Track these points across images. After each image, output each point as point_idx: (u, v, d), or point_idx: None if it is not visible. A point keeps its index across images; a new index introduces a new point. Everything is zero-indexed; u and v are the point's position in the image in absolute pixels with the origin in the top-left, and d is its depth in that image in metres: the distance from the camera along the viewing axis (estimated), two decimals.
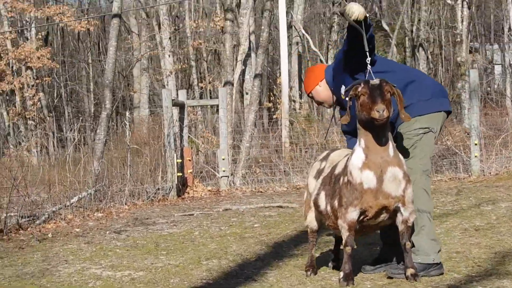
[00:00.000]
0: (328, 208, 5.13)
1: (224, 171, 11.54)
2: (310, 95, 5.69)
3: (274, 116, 16.83)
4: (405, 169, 4.91)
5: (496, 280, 4.86)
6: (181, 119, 11.70)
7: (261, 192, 11.34)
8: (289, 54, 17.25)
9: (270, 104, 19.16)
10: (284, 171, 11.85)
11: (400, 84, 4.98)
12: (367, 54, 5.05)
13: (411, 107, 5.10)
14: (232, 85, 11.81)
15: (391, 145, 4.88)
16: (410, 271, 4.99)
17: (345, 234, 4.99)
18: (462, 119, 17.83)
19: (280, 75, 16.95)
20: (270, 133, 13.82)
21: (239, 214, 9.03)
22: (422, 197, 5.14)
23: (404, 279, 5.03)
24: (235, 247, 6.80)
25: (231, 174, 11.66)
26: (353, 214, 4.91)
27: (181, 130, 11.51)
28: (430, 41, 26.09)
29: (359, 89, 4.82)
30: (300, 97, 18.00)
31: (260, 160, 12.56)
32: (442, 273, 5.14)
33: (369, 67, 5.07)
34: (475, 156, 11.10)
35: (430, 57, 25.81)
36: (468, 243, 6.20)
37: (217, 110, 11.94)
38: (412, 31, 24.76)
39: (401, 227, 4.98)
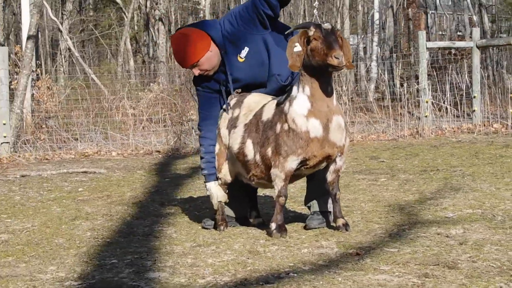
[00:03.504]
0: (257, 157, 4.81)
1: (5, 136, 10.55)
2: (194, 64, 4.94)
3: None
4: (345, 118, 4.77)
5: (425, 228, 4.86)
6: None
7: (47, 159, 10.53)
8: None
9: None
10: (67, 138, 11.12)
11: None
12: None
13: None
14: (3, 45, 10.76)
15: (334, 94, 4.70)
16: (341, 221, 4.85)
17: (279, 184, 4.71)
18: None
19: (18, 43, 15.87)
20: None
21: (45, 179, 8.34)
22: None
23: (330, 228, 4.93)
24: (91, 209, 6.22)
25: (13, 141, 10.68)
26: (293, 164, 4.64)
27: None
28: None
29: (311, 33, 4.52)
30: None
31: (43, 126, 11.66)
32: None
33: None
34: None
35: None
36: (346, 199, 6.18)
37: None
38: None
39: (332, 176, 4.82)
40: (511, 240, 4.41)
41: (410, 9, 22.85)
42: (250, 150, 4.84)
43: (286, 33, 4.81)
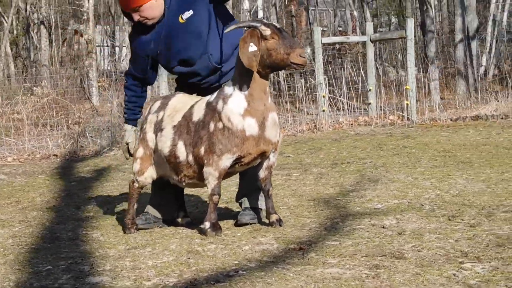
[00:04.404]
0: (190, 157, 4.70)
1: None
2: (136, 8, 4.84)
3: None
4: (278, 114, 4.75)
5: (358, 220, 4.87)
6: None
7: None
8: None
9: None
10: None
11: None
12: None
13: None
14: None
15: (269, 91, 4.66)
16: (275, 216, 4.81)
17: (213, 182, 4.62)
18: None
19: None
20: None
21: None
22: None
23: (263, 225, 4.88)
24: (4, 216, 5.99)
25: None
26: (228, 162, 4.56)
27: None
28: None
29: (267, 32, 4.43)
30: None
31: None
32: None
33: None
34: None
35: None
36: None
37: None
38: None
39: (265, 172, 4.78)
40: (447, 228, 4.47)
41: (292, 6, 23.06)
42: (182, 152, 4.73)
43: (226, 30, 4.71)
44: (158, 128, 4.89)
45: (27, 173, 8.88)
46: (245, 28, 4.55)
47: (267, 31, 4.40)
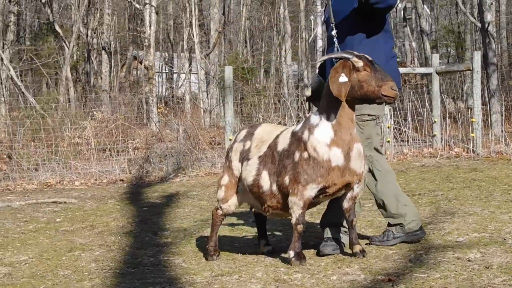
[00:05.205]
0: (274, 187, 4.72)
1: None
2: None
3: None
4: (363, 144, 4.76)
5: (442, 253, 4.84)
6: None
7: (9, 190, 10.20)
8: None
9: None
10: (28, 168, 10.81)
11: None
12: (333, 26, 4.81)
13: None
14: None
15: (355, 121, 4.68)
16: (358, 247, 4.81)
17: (297, 211, 4.63)
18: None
19: None
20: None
21: (15, 210, 8.04)
22: None
23: (345, 255, 4.87)
24: (83, 240, 6.05)
25: None
26: (312, 191, 4.57)
27: None
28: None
29: (360, 64, 4.46)
30: None
31: (5, 156, 11.30)
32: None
33: (335, 40, 4.82)
34: None
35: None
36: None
37: None
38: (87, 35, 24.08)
39: (349, 203, 4.78)
40: None
41: None
42: (266, 182, 4.76)
43: (318, 61, 4.76)
44: (245, 158, 4.93)
45: (96, 197, 8.99)
46: (336, 59, 4.58)
47: (359, 63, 4.43)
